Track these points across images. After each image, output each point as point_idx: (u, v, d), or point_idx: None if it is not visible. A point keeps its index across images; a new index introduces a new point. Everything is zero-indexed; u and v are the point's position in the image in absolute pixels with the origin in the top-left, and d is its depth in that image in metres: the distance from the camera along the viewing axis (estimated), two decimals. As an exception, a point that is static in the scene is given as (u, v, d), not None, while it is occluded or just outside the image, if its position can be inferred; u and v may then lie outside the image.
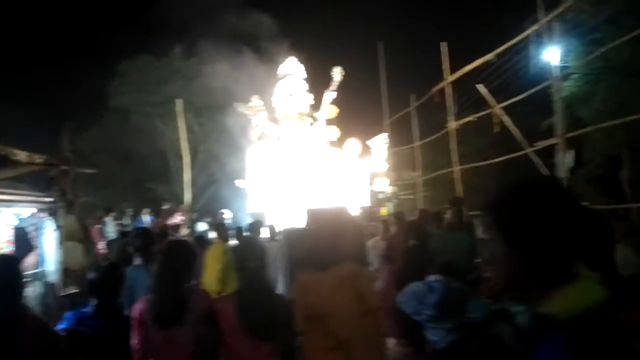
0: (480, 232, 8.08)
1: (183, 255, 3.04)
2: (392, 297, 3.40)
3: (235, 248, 3.57)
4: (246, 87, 15.67)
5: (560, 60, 10.70)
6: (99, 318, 2.87)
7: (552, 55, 10.80)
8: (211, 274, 5.54)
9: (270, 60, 15.62)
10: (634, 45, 9.42)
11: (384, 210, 16.01)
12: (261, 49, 15.59)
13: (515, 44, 11.94)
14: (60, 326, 2.85)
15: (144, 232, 4.59)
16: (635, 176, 10.46)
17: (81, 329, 2.79)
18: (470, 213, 12.00)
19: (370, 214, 10.02)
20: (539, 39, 11.03)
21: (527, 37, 11.41)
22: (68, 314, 2.95)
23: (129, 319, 2.89)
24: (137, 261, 4.11)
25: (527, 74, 11.96)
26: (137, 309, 2.87)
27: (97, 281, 2.93)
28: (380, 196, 18.28)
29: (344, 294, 2.32)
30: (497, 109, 12.45)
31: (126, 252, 4.35)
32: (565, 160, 10.61)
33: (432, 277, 2.90)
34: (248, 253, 2.73)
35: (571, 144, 10.83)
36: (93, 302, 2.92)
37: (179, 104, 11.73)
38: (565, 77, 10.79)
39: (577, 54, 10.59)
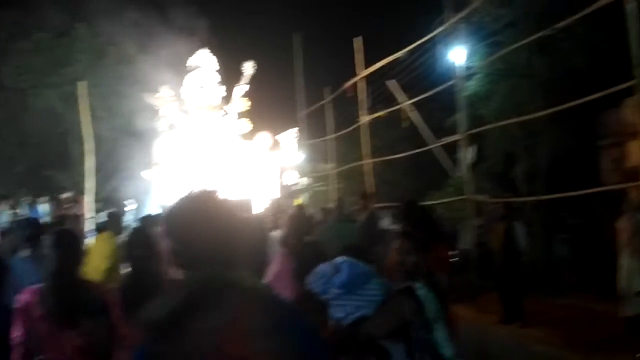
0: (386, 223, 8.40)
1: (73, 246, 2.91)
2: (287, 278, 3.45)
3: (126, 238, 3.47)
4: (156, 75, 15.19)
5: (465, 61, 11.25)
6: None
7: (457, 55, 11.33)
8: (94, 266, 5.30)
9: (181, 49, 15.21)
10: (531, 49, 10.06)
11: (298, 202, 16.16)
12: (172, 37, 15.07)
13: (424, 43, 12.41)
14: None
15: (31, 222, 4.49)
16: (529, 172, 11.23)
17: None
18: (381, 204, 12.45)
19: (278, 206, 10.12)
20: (446, 39, 11.53)
21: (435, 36, 11.90)
22: None
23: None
24: (25, 253, 3.94)
25: (435, 72, 12.49)
26: (23, 300, 2.68)
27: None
28: (295, 188, 18.47)
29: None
30: (406, 105, 12.90)
31: (14, 242, 4.19)
32: (467, 155, 11.21)
33: (339, 259, 2.98)
34: (136, 243, 2.64)
35: (473, 141, 11.44)
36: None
37: (82, 86, 11.08)
38: (468, 77, 11.34)
39: (480, 55, 11.16)
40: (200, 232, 1.42)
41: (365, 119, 14.46)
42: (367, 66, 14.50)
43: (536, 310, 8.09)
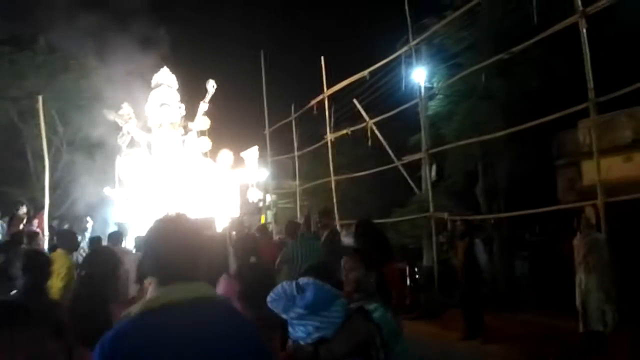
0: (349, 240, 8.42)
1: (43, 267, 3.01)
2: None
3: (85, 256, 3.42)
4: (117, 91, 15.01)
5: (427, 81, 11.51)
6: None
7: (419, 75, 11.58)
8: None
9: (143, 65, 15.09)
10: (490, 71, 10.37)
11: (263, 219, 16.07)
12: (135, 53, 14.93)
13: (388, 63, 12.65)
14: None
15: None
16: (489, 190, 11.50)
17: None
18: (344, 221, 12.50)
19: (239, 224, 10.07)
20: (409, 60, 11.78)
21: (398, 57, 12.14)
22: None
23: None
24: None
25: (398, 92, 12.73)
26: None
27: None
28: (260, 205, 18.35)
29: None
30: (370, 123, 13.06)
31: None
32: (429, 173, 11.41)
33: (303, 279, 3.01)
34: (94, 261, 2.59)
35: (435, 159, 11.67)
36: None
37: (40, 100, 10.77)
38: (430, 97, 11.60)
39: (441, 75, 11.45)
40: (176, 250, 1.62)
41: (330, 136, 14.55)
42: (332, 84, 14.66)
43: (496, 326, 8.22)
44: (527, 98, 10.40)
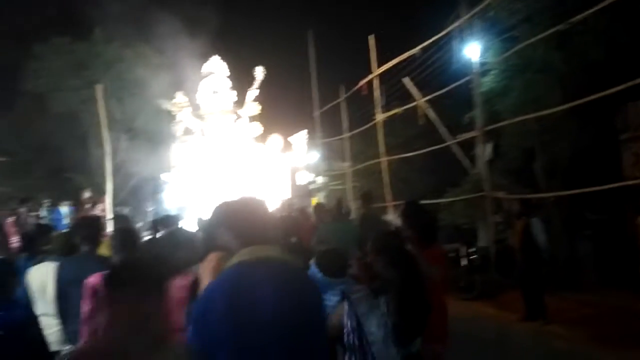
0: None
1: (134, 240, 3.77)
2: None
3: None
4: (170, 77, 15.54)
5: (480, 56, 11.15)
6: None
7: (472, 51, 11.24)
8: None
9: (195, 53, 15.51)
10: (547, 43, 9.94)
11: (314, 201, 16.20)
12: (186, 40, 15.33)
13: (439, 39, 12.34)
14: None
15: (90, 221, 4.82)
16: (548, 167, 11.09)
17: None
18: (396, 202, 12.41)
19: (289, 206, 10.29)
20: (461, 35, 11.45)
21: (450, 32, 11.82)
22: None
23: (30, 311, 3.27)
24: (84, 249, 4.13)
25: (451, 69, 12.40)
26: (91, 283, 3.16)
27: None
28: (311, 187, 18.53)
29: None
30: (422, 102, 12.82)
31: (72, 242, 4.37)
32: (484, 152, 11.12)
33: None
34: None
35: (490, 137, 11.34)
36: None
37: (99, 89, 11.19)
38: (484, 73, 11.24)
39: (495, 50, 11.05)
40: (256, 219, 2.02)
41: (380, 116, 14.41)
42: (380, 64, 14.46)
43: (558, 307, 8.00)
44: (588, 70, 9.89)
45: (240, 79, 15.96)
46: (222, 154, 14.89)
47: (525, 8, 10.45)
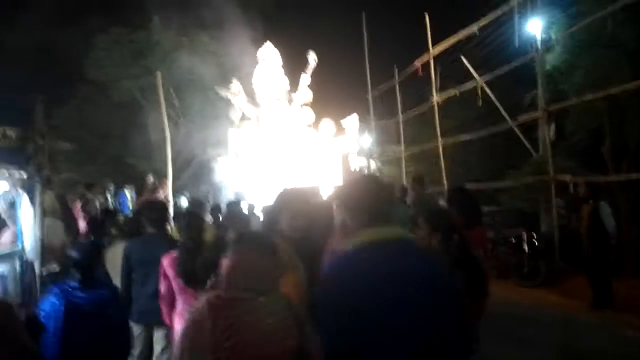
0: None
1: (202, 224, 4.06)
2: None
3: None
4: (226, 64, 15.83)
5: (543, 33, 10.67)
6: (85, 290, 3.15)
7: (534, 27, 10.77)
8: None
9: (249, 37, 15.75)
10: (615, 18, 9.39)
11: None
12: (240, 27, 15.56)
13: (498, 16, 11.89)
14: (47, 300, 3.11)
15: (156, 204, 5.25)
16: (617, 149, 10.56)
17: (74, 300, 3.08)
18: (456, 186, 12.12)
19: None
20: (522, 10, 10.98)
21: (510, 9, 11.36)
22: (54, 288, 3.18)
23: (114, 289, 3.47)
24: (150, 231, 4.38)
25: (510, 47, 11.91)
26: (163, 263, 3.77)
27: (80, 258, 3.19)
28: (364, 172, 18.39)
29: None
30: (481, 82, 12.43)
31: (140, 224, 4.65)
32: (547, 133, 10.68)
33: None
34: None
35: (554, 117, 10.88)
36: (77, 276, 3.16)
37: (159, 76, 11.46)
38: (547, 50, 10.76)
39: (560, 26, 10.54)
40: (375, 199, 2.00)
41: (436, 98, 14.09)
42: (433, 44, 14.09)
43: (628, 294, 7.65)
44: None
45: (293, 63, 16.04)
46: (276, 140, 15.17)
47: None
